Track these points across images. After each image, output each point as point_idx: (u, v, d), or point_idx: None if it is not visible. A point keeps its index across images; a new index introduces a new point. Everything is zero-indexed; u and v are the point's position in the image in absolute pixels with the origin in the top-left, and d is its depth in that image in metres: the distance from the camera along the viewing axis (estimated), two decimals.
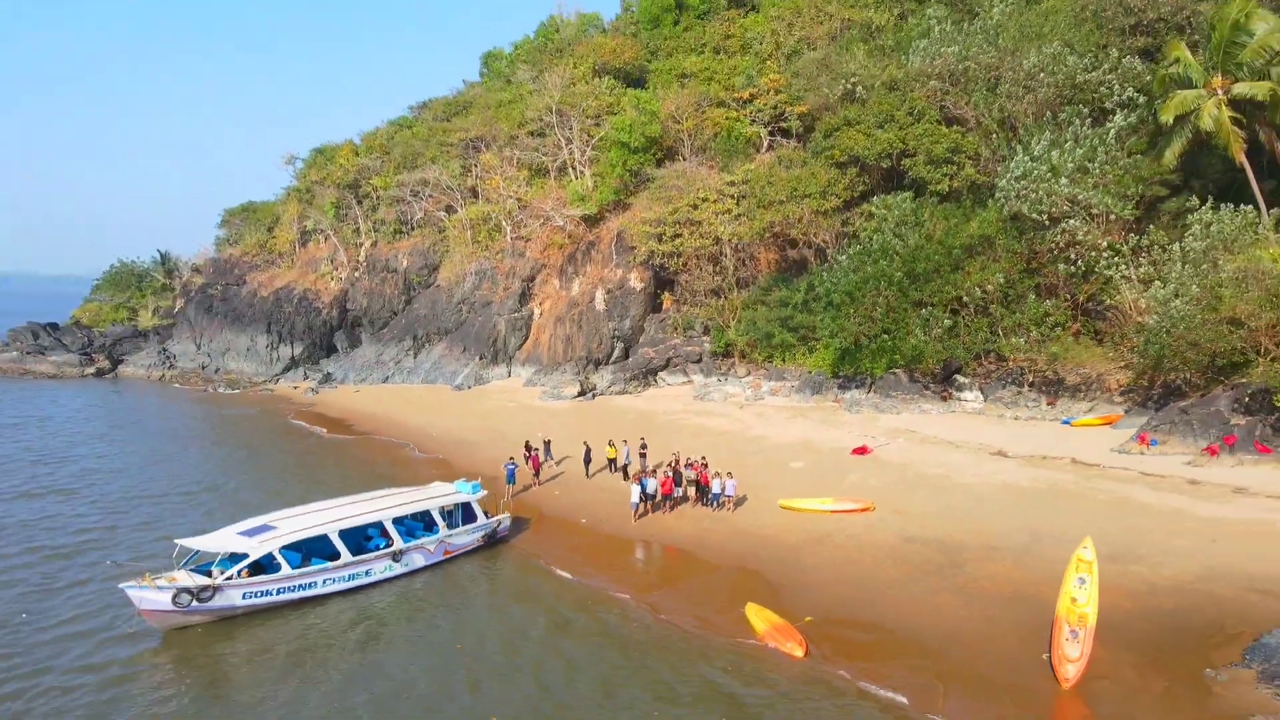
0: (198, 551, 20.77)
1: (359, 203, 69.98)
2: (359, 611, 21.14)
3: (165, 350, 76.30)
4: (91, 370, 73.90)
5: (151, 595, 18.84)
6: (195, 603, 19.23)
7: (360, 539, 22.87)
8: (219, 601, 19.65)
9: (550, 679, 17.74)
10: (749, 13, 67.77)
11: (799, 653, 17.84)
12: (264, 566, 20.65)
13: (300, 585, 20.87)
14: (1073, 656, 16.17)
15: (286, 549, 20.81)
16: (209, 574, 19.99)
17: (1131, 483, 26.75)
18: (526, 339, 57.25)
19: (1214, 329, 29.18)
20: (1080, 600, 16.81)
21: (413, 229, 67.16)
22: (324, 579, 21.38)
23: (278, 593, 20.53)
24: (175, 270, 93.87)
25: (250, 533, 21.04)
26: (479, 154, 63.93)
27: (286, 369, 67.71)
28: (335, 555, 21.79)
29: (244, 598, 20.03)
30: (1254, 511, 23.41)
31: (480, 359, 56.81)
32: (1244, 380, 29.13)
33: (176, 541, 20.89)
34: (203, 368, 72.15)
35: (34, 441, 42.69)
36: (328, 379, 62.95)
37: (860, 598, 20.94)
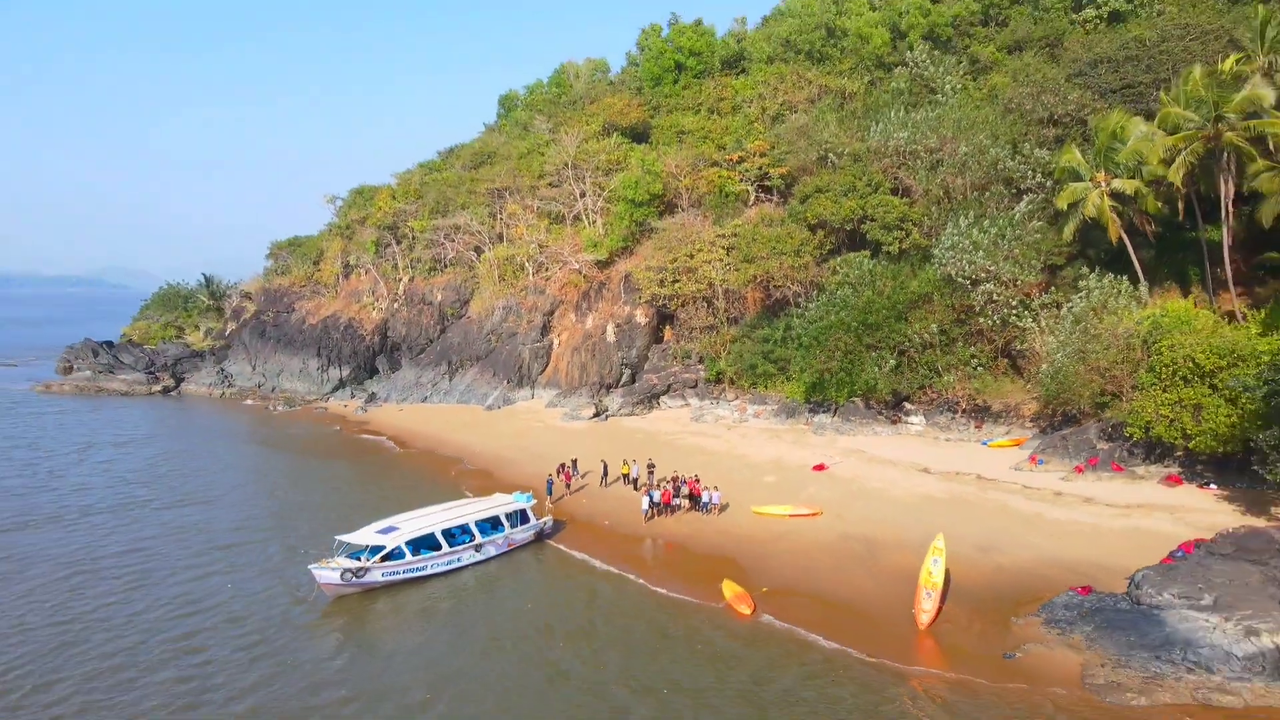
0: (348, 543, 30.02)
1: (397, 242, 79.34)
2: (455, 585, 30.46)
3: (223, 370, 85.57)
4: (158, 388, 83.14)
5: (327, 574, 28.21)
6: (354, 579, 28.54)
7: (452, 535, 32.13)
8: (367, 579, 28.94)
9: (597, 622, 27.05)
10: (740, 74, 77.02)
11: (747, 612, 26.92)
12: (392, 554, 29.90)
13: (417, 568, 30.20)
14: (926, 609, 25.43)
15: (407, 542, 30.17)
16: (358, 560, 29.26)
17: (1014, 494, 35.91)
18: (547, 365, 66.56)
19: (1085, 376, 38.45)
20: (933, 573, 26.10)
21: (446, 267, 76.53)
22: (431, 564, 30.69)
23: (403, 573, 29.85)
24: (221, 294, 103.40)
25: (383, 531, 30.45)
26: (504, 202, 73.33)
27: (335, 389, 77.02)
28: (437, 546, 31.11)
29: (382, 576, 29.33)
30: (1089, 517, 32.56)
31: (508, 383, 66.09)
32: (1108, 415, 38.40)
33: (336, 538, 30.33)
34: (258, 386, 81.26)
35: (157, 458, 51.68)
36: (373, 398, 72.18)
37: (804, 577, 30.00)
